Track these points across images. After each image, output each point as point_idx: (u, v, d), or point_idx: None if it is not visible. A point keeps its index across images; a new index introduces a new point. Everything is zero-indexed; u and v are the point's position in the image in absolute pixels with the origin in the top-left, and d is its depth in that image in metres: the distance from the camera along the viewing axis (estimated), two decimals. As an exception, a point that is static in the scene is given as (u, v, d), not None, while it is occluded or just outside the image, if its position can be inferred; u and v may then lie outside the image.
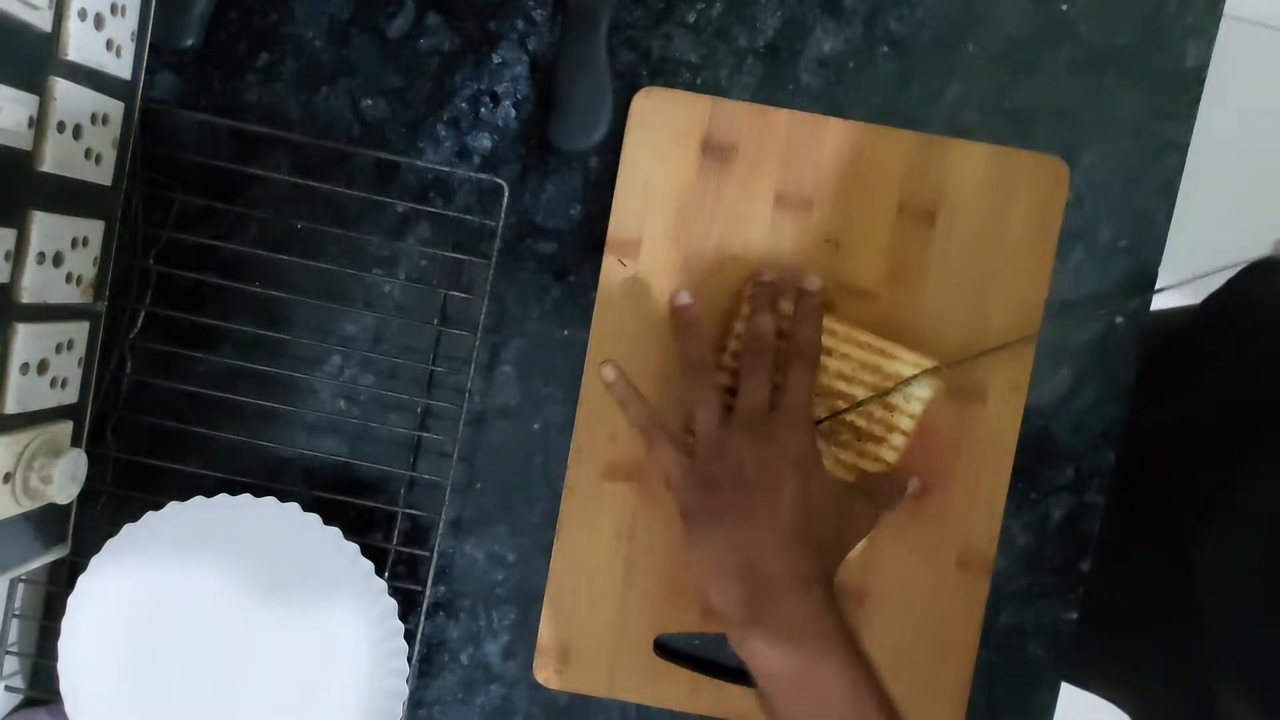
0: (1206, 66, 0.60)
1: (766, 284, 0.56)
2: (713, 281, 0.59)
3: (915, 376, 0.57)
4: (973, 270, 0.59)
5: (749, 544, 0.51)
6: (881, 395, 0.57)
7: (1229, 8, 0.60)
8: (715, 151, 0.59)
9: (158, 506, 0.56)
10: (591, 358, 0.60)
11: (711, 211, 0.59)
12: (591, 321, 0.60)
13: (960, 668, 0.60)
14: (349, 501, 0.61)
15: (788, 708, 0.49)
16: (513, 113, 0.60)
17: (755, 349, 0.55)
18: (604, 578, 0.60)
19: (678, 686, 0.61)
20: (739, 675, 0.62)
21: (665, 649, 0.61)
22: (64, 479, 0.51)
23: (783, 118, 0.59)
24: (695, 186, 0.59)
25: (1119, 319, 0.60)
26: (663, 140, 0.59)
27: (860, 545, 0.56)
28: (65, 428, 0.54)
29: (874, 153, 0.59)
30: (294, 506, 0.56)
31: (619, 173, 0.59)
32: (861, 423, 0.58)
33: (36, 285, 0.50)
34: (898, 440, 0.57)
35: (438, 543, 0.60)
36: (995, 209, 0.59)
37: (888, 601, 0.60)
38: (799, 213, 0.59)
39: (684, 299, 0.57)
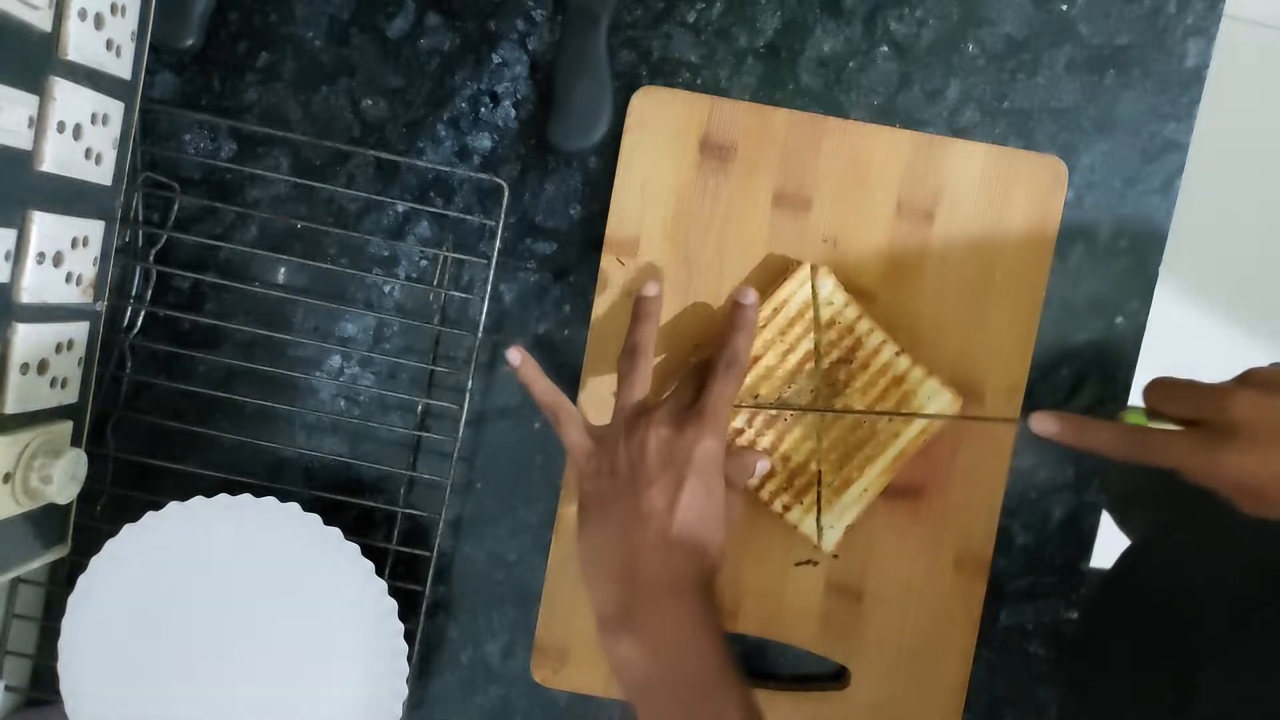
0: (1206, 66, 0.60)
1: (749, 308, 0.55)
2: (711, 281, 0.59)
3: (931, 414, 0.57)
4: (971, 270, 0.59)
5: (631, 544, 0.50)
6: (893, 414, 0.57)
7: (1229, 8, 0.60)
8: (714, 151, 0.59)
9: (158, 506, 0.56)
10: (591, 357, 0.60)
11: (710, 211, 0.59)
12: (590, 321, 0.60)
13: (958, 668, 0.60)
14: (349, 501, 0.61)
15: (652, 716, 0.49)
16: (513, 113, 0.60)
17: (729, 361, 0.54)
18: (603, 577, 0.60)
19: (677, 686, 0.61)
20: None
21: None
22: (64, 479, 0.51)
23: (781, 117, 0.59)
24: (694, 186, 0.59)
25: (1119, 319, 0.60)
26: (661, 140, 0.59)
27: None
28: (65, 428, 0.54)
29: (872, 152, 0.59)
30: (294, 506, 0.56)
31: (617, 172, 0.59)
32: (880, 424, 0.58)
33: (36, 285, 0.50)
34: (895, 448, 0.58)
35: (438, 543, 0.60)
36: (994, 209, 0.59)
37: (885, 601, 0.60)
38: (797, 212, 0.59)
39: (652, 289, 0.56)
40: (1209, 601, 0.60)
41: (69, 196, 0.52)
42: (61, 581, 0.60)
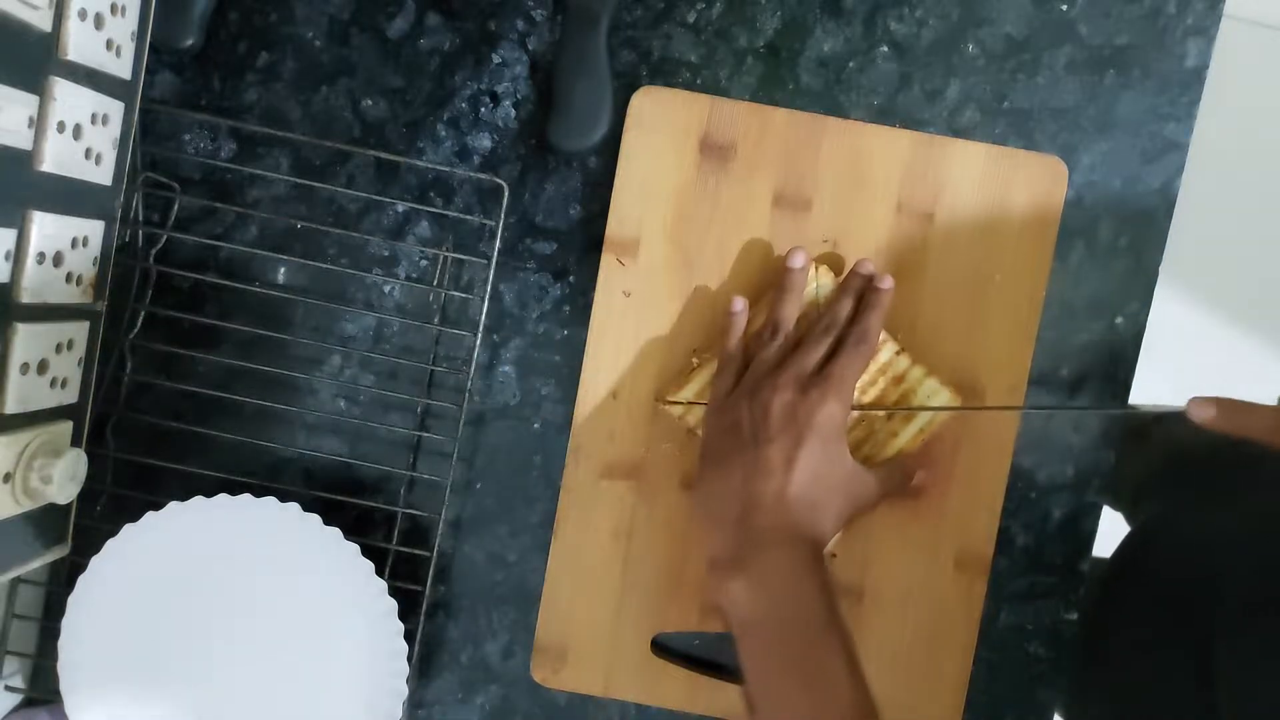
0: (1206, 66, 0.60)
1: (865, 276, 0.57)
2: (711, 282, 0.59)
3: (933, 408, 0.57)
4: (971, 270, 0.59)
5: (749, 495, 0.52)
6: (904, 409, 0.57)
7: (1229, 8, 0.60)
8: (713, 151, 0.59)
9: (158, 506, 0.56)
10: (590, 358, 0.60)
11: (710, 211, 0.59)
12: (590, 322, 0.60)
13: (958, 667, 0.60)
14: (349, 501, 0.61)
15: (757, 657, 0.50)
16: (513, 113, 0.61)
17: (827, 324, 0.56)
18: (602, 577, 0.60)
19: (675, 685, 0.61)
20: (736, 674, 0.62)
21: (663, 648, 0.61)
22: (64, 479, 0.51)
23: (781, 117, 0.59)
24: (694, 186, 0.59)
25: (1119, 319, 0.60)
26: (661, 140, 0.59)
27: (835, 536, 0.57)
28: (65, 428, 0.54)
29: (872, 152, 0.59)
30: (294, 506, 0.56)
31: (617, 172, 0.59)
32: (878, 423, 0.58)
33: (36, 285, 0.50)
34: (893, 448, 0.58)
35: (438, 543, 0.60)
36: (993, 208, 0.59)
37: (886, 601, 0.60)
38: (797, 212, 0.59)
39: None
40: (1224, 581, 0.60)
41: (69, 196, 0.52)
42: (61, 581, 0.60)
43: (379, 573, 0.57)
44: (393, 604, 0.56)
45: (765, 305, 0.58)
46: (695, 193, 0.59)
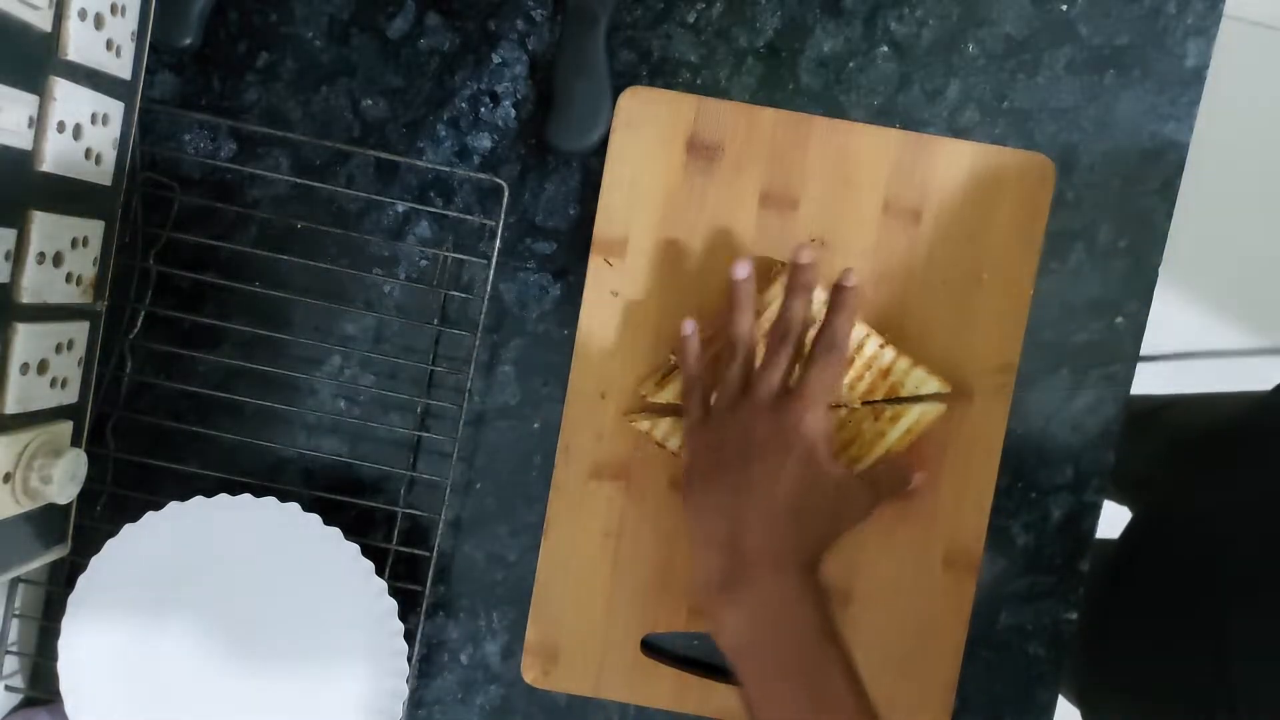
0: (1206, 66, 0.60)
1: (806, 267, 0.55)
2: (698, 282, 0.59)
3: (926, 397, 0.57)
4: (959, 268, 0.59)
5: (737, 516, 0.51)
6: (893, 401, 0.57)
7: (1229, 8, 0.60)
8: (701, 151, 0.59)
9: (158, 506, 0.56)
10: (578, 358, 0.60)
11: (697, 211, 0.59)
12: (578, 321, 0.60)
13: (947, 667, 0.60)
14: (349, 501, 0.61)
15: (752, 682, 0.50)
16: (512, 113, 0.61)
17: (783, 332, 0.54)
18: (592, 577, 0.60)
19: (665, 686, 0.61)
20: (726, 674, 0.62)
21: (653, 648, 0.61)
22: (64, 479, 0.51)
23: (768, 117, 0.59)
24: (681, 186, 0.59)
25: (1119, 319, 0.60)
26: (648, 140, 0.59)
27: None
28: (65, 428, 0.54)
29: (860, 152, 0.59)
30: (294, 506, 0.56)
31: (605, 173, 0.59)
32: (865, 423, 0.58)
33: (36, 285, 0.50)
34: (881, 448, 0.58)
35: (438, 543, 0.60)
36: (981, 207, 0.59)
37: (874, 601, 0.60)
38: (784, 212, 0.59)
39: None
40: (1234, 560, 0.60)
41: (69, 196, 0.52)
42: (61, 581, 0.60)
43: (379, 573, 0.57)
44: (393, 604, 0.56)
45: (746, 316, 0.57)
46: (682, 193, 0.59)
